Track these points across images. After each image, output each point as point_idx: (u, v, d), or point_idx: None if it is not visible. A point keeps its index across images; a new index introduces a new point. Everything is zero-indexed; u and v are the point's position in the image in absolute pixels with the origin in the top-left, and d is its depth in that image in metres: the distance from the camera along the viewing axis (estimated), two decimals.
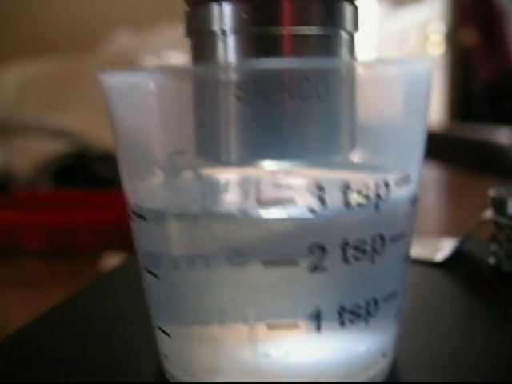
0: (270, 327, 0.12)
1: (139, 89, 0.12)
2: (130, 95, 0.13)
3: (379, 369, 0.14)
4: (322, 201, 0.11)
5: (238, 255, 0.12)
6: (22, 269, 0.56)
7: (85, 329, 0.18)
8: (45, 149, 0.70)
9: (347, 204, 0.12)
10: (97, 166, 0.71)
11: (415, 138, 0.13)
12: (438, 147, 0.93)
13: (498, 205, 0.21)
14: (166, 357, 0.14)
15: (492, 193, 0.21)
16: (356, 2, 0.14)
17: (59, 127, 0.78)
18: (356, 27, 0.14)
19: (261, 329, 0.12)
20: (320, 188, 0.11)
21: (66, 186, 0.70)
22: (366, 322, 0.13)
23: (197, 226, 0.12)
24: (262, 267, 0.12)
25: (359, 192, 0.12)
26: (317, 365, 0.13)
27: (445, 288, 0.21)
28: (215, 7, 0.13)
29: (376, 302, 0.13)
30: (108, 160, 0.73)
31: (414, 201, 0.13)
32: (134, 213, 0.14)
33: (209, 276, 0.12)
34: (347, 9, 0.13)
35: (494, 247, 0.21)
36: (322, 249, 0.12)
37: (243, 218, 0.12)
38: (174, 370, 0.14)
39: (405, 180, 0.13)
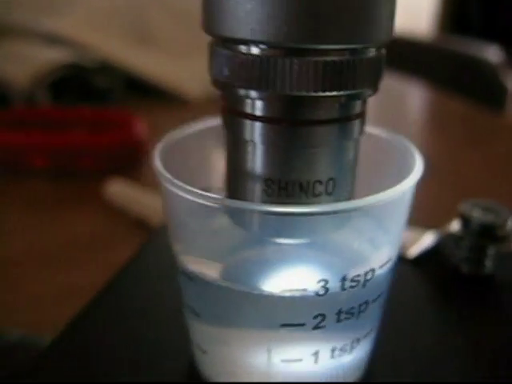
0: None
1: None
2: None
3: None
4: (326, 289, 0.16)
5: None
6: (26, 189, 0.61)
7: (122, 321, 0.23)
8: (42, 58, 0.70)
9: (343, 289, 0.16)
10: (95, 77, 0.72)
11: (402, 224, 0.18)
12: (424, 59, 0.94)
13: (464, 220, 0.25)
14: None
15: (460, 207, 0.25)
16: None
17: (54, 33, 0.77)
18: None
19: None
20: (326, 281, 0.16)
21: (64, 99, 0.72)
22: (350, 353, 0.18)
23: None
24: (278, 326, 0.17)
25: (352, 280, 0.16)
26: None
27: (411, 286, 0.26)
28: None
29: (358, 340, 0.18)
30: (106, 71, 0.74)
31: (394, 269, 0.18)
32: None
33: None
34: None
35: (457, 250, 0.26)
36: (323, 316, 0.16)
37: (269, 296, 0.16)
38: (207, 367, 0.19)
39: (387, 263, 0.17)
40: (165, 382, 0.20)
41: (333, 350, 0.17)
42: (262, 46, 0.14)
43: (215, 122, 0.20)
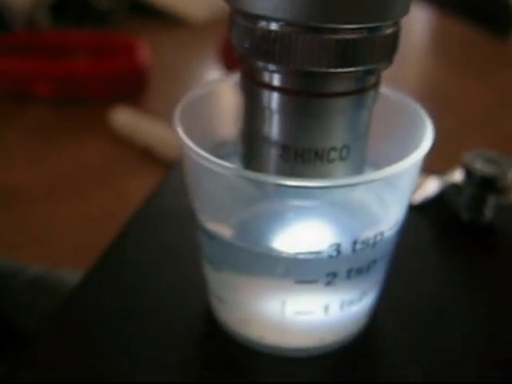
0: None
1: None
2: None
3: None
4: (338, 252, 0.17)
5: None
6: (31, 118, 0.61)
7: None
8: None
9: (354, 251, 0.17)
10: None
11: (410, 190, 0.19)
12: None
13: (467, 170, 0.26)
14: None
15: (463, 158, 0.26)
16: None
17: None
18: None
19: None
20: (338, 245, 0.17)
21: (64, 21, 0.70)
22: (358, 303, 0.19)
23: None
24: (293, 282, 0.18)
25: (362, 243, 0.17)
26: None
27: (415, 232, 0.27)
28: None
29: (366, 292, 0.19)
30: None
31: (400, 231, 0.19)
32: None
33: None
34: None
35: (459, 199, 0.27)
36: (335, 273, 0.18)
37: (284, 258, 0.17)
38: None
39: (395, 225, 0.18)
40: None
41: (342, 303, 0.19)
42: (282, 23, 0.15)
43: (231, 80, 0.20)
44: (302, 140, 0.17)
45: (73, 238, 0.45)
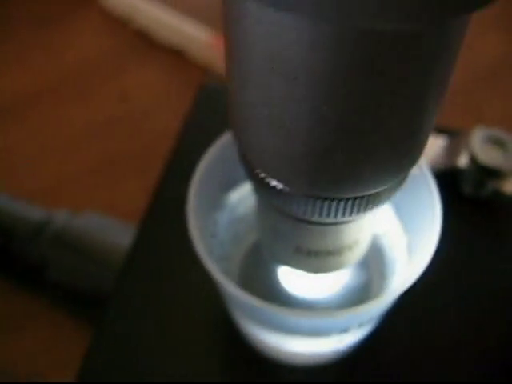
0: None
1: None
2: None
3: None
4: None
5: None
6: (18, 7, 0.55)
7: None
8: None
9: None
10: None
11: None
12: None
13: (471, 157, 0.26)
14: None
15: (470, 141, 0.26)
16: None
17: None
18: None
19: None
20: None
21: None
22: None
23: None
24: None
25: None
26: None
27: None
28: None
29: None
30: None
31: None
32: None
33: None
34: None
35: (462, 172, 0.27)
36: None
37: None
38: None
39: None
40: None
41: None
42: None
43: None
44: (316, 245, 0.18)
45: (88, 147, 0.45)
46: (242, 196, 0.22)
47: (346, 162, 0.13)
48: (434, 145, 0.29)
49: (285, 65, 0.11)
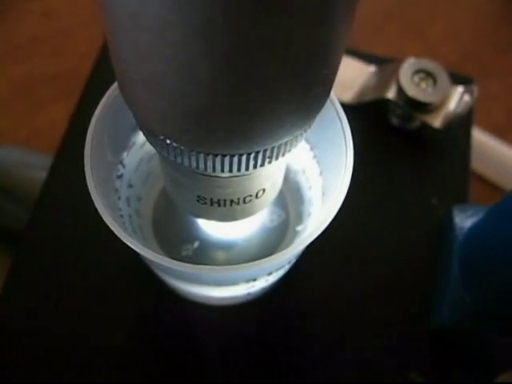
0: None
1: None
2: None
3: None
4: None
5: None
6: None
7: None
8: None
9: None
10: None
11: None
12: None
13: (400, 90, 0.25)
14: None
15: (400, 74, 0.25)
16: None
17: None
18: None
19: None
20: None
21: None
22: None
23: None
24: None
25: None
26: None
27: None
28: None
29: None
30: None
31: None
32: None
33: None
34: None
35: (391, 103, 0.26)
36: None
37: None
38: None
39: None
40: None
41: None
42: None
43: None
44: (216, 195, 0.17)
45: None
46: None
47: (230, 121, 0.12)
48: (365, 74, 0.27)
49: (149, 22, 0.10)
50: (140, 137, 0.21)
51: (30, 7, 0.42)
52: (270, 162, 0.14)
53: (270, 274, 0.19)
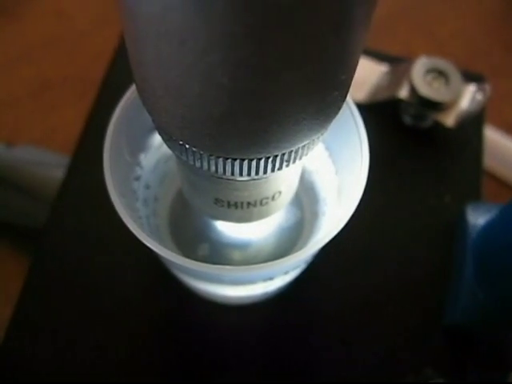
0: None
1: None
2: None
3: None
4: None
5: None
6: None
7: None
8: None
9: None
10: None
11: None
12: None
13: (412, 89, 0.25)
14: None
15: (412, 73, 0.25)
16: None
17: None
18: None
19: None
20: None
21: None
22: None
23: None
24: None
25: None
26: None
27: None
28: None
29: None
30: None
31: None
32: None
33: None
34: None
35: (403, 103, 0.26)
36: None
37: None
38: None
39: None
40: None
41: None
42: None
43: None
44: (233, 198, 0.17)
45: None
46: None
47: (249, 126, 0.12)
48: (377, 73, 0.27)
49: (172, 29, 0.10)
50: (157, 138, 0.21)
51: (44, 8, 0.43)
52: (287, 166, 0.14)
53: (286, 272, 0.19)
